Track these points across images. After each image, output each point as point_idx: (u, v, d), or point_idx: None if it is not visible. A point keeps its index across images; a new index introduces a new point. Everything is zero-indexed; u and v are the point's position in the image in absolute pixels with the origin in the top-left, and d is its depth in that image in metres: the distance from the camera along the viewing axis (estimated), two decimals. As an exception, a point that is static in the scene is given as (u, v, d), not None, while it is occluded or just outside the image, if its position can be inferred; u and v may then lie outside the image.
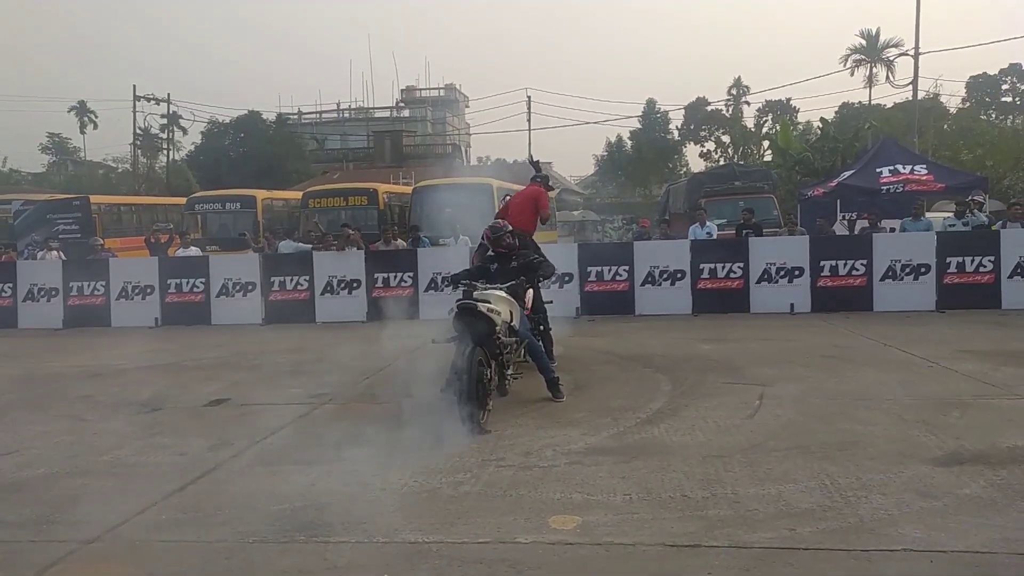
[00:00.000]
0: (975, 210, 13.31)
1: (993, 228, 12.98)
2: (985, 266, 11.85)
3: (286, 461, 5.40)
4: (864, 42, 53.90)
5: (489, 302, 6.36)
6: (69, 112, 61.57)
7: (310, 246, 14.84)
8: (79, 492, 4.92)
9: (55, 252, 15.46)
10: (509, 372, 6.76)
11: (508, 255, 7.19)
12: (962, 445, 5.23)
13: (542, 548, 3.84)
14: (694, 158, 55.47)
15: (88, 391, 8.21)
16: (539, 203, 8.20)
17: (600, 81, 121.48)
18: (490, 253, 7.39)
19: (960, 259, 11.89)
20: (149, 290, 13.82)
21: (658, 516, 4.18)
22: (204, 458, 5.56)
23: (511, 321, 6.67)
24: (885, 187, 16.46)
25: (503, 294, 6.71)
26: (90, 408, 7.43)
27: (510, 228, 7.37)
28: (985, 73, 55.40)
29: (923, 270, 11.96)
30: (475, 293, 6.49)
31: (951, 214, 13.81)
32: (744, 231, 13.95)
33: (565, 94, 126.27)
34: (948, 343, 9.09)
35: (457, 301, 6.33)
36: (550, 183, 9.00)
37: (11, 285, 14.23)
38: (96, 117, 62.75)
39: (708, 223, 14.30)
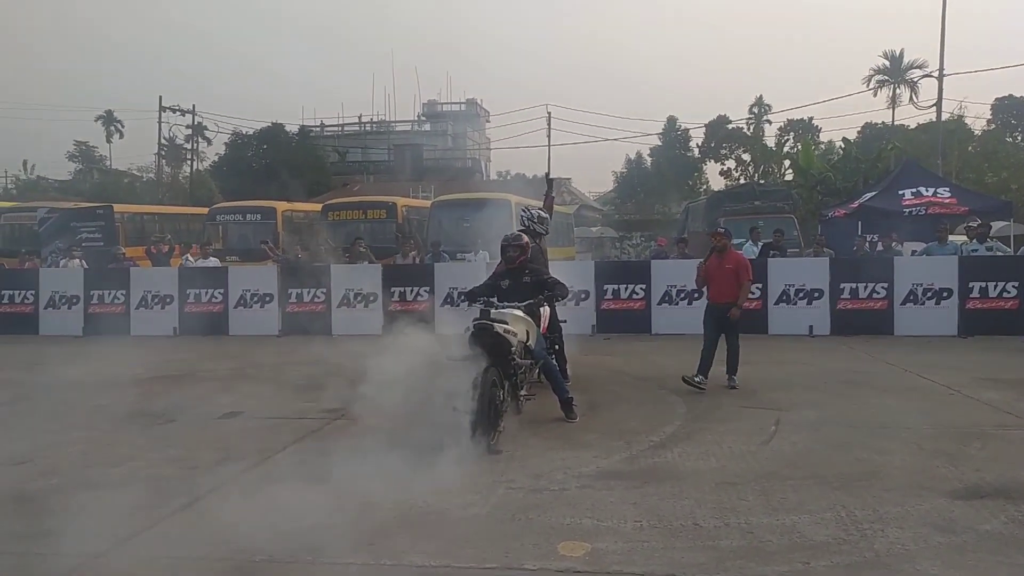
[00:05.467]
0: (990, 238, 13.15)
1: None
2: (1009, 291, 11.67)
3: (296, 477, 5.38)
4: (888, 63, 53.46)
5: (506, 322, 6.33)
6: (96, 121, 62.54)
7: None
8: (89, 504, 4.93)
9: (77, 260, 15.65)
10: (523, 392, 6.71)
11: (519, 269, 7.13)
12: (983, 478, 5.11)
13: (549, 575, 3.79)
14: (714, 176, 55.25)
15: (104, 401, 8.27)
16: (740, 275, 8.21)
17: (621, 98, 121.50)
18: (501, 265, 7.35)
19: (983, 284, 11.73)
20: (168, 300, 13.96)
21: (669, 545, 4.11)
22: (214, 472, 5.56)
23: (527, 341, 6.64)
24: (908, 209, 16.30)
25: (520, 314, 6.67)
26: (105, 418, 7.48)
27: (522, 241, 7.27)
28: (1011, 95, 54.66)
29: (945, 294, 11.80)
30: (492, 312, 6.45)
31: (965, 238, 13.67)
32: (772, 252, 13.87)
33: (585, 110, 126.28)
34: (970, 370, 8.94)
35: (474, 320, 6.30)
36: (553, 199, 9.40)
37: (33, 292, 14.44)
38: (122, 126, 63.69)
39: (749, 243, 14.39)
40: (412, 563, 3.96)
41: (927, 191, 16.66)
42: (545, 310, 7.27)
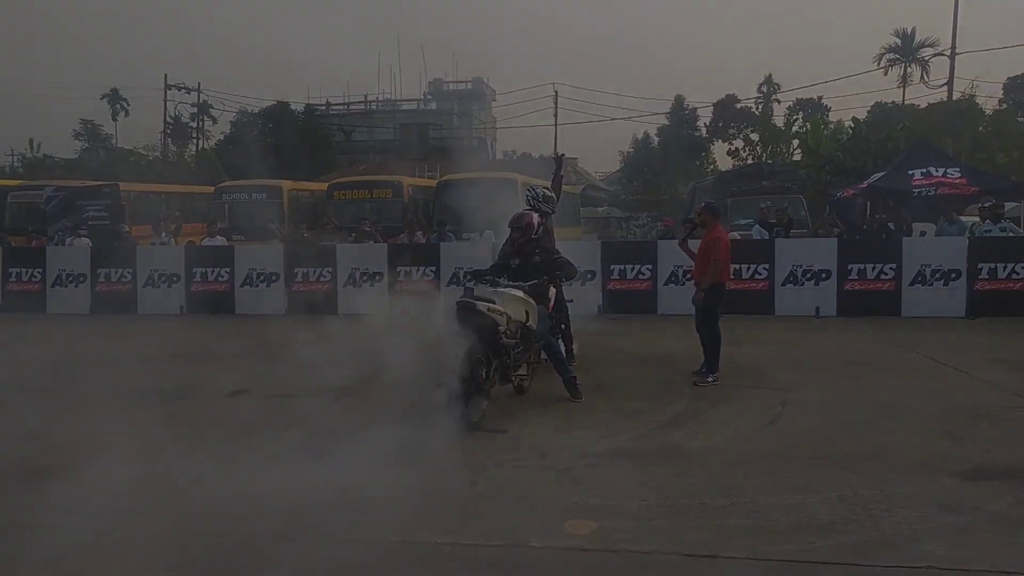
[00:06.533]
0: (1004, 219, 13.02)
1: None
2: (1018, 273, 11.57)
3: (303, 455, 5.40)
4: (899, 41, 52.78)
5: (492, 301, 6.27)
6: (102, 99, 62.22)
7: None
8: (98, 481, 4.94)
9: (84, 238, 15.67)
10: (520, 372, 6.69)
11: (530, 249, 7.12)
12: (991, 459, 5.10)
13: (555, 553, 3.80)
14: (722, 156, 54.78)
15: (113, 378, 8.29)
16: (709, 253, 7.63)
17: (628, 77, 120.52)
18: (508, 244, 7.35)
19: (992, 265, 11.64)
20: (175, 278, 13.99)
21: (675, 524, 4.12)
22: (222, 449, 5.58)
23: (527, 321, 6.61)
24: (917, 190, 16.10)
25: (520, 294, 6.63)
26: (114, 395, 7.48)
27: (526, 222, 7.25)
28: (1024, 74, 54.02)
29: (954, 275, 11.71)
30: (485, 291, 6.42)
31: (977, 219, 13.52)
32: (776, 229, 13.81)
33: (592, 89, 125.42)
34: (978, 351, 8.90)
35: (458, 299, 6.29)
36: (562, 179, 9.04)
37: (40, 270, 14.49)
38: (128, 105, 63.32)
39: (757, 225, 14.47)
40: (418, 540, 3.98)
41: (937, 171, 16.43)
42: (552, 290, 7.25)
